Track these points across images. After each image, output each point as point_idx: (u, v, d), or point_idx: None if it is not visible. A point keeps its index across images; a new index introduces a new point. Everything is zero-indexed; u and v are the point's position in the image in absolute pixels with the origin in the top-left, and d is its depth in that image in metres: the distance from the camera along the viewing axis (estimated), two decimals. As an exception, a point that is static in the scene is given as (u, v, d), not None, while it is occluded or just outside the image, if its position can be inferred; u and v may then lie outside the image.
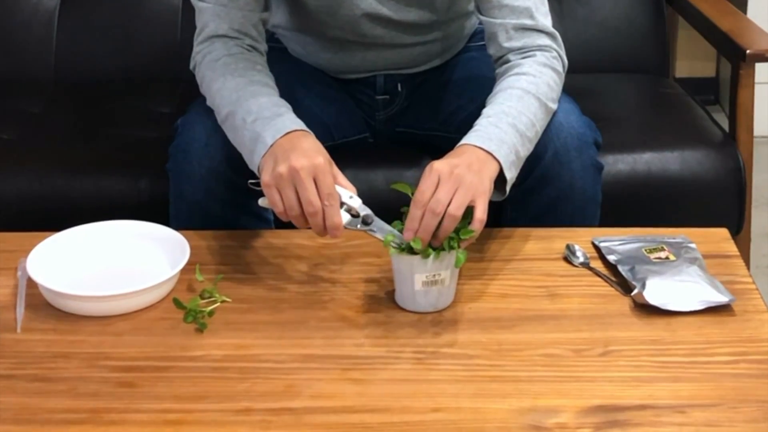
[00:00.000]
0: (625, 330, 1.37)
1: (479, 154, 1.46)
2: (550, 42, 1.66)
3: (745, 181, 2.03)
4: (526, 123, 1.54)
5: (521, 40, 1.64)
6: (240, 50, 1.63)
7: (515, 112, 1.53)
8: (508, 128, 1.51)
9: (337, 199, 1.41)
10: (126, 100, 2.29)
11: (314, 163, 1.42)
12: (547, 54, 1.64)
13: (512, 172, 1.50)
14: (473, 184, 1.40)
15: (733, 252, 1.55)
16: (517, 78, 1.59)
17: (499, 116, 1.52)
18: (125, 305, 1.40)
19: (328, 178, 1.42)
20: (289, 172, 1.41)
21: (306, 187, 1.41)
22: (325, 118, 1.86)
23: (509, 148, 1.49)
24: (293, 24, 1.87)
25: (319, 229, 1.42)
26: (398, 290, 1.41)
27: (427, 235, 1.37)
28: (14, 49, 2.38)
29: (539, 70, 1.61)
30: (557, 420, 1.19)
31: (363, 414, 1.21)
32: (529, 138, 1.55)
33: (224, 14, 1.64)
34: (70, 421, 1.21)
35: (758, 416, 1.21)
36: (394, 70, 1.89)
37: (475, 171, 1.42)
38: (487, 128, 1.50)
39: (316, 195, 1.41)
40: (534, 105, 1.56)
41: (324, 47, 1.86)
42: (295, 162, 1.41)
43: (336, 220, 1.41)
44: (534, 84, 1.58)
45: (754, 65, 2.09)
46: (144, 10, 2.42)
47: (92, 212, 1.61)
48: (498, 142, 1.48)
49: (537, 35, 1.65)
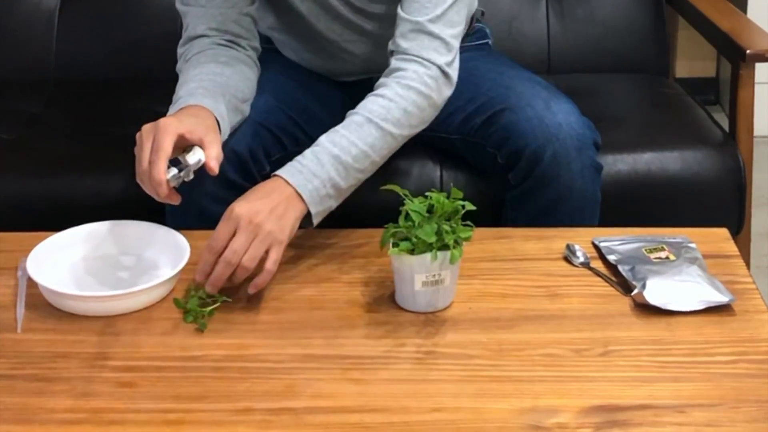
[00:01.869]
0: (625, 330, 1.37)
1: (286, 191, 1.45)
2: (434, 55, 1.60)
3: (745, 181, 2.03)
4: (355, 154, 1.51)
5: (410, 41, 1.60)
6: (211, 46, 1.65)
7: (346, 143, 1.51)
8: (328, 160, 1.49)
9: (162, 154, 1.37)
10: (126, 100, 2.29)
11: (157, 123, 1.40)
12: (421, 71, 1.59)
13: (324, 204, 1.48)
14: (272, 233, 1.40)
15: (733, 252, 1.55)
16: (372, 100, 1.56)
17: (324, 146, 1.51)
18: (125, 305, 1.40)
19: (161, 135, 1.38)
20: (137, 138, 1.42)
21: (141, 148, 1.39)
22: (324, 118, 1.86)
23: (321, 183, 1.47)
24: (282, 24, 1.87)
25: (149, 190, 1.39)
26: (398, 290, 1.41)
27: (219, 282, 1.38)
28: (14, 49, 2.38)
29: (398, 94, 1.56)
30: (557, 420, 1.19)
31: (363, 414, 1.21)
32: (358, 169, 1.52)
33: (202, 14, 1.66)
34: (70, 421, 1.21)
35: (758, 416, 1.21)
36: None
37: (277, 216, 1.41)
38: (304, 160, 1.49)
39: (148, 154, 1.38)
40: (372, 134, 1.53)
41: (317, 55, 1.86)
42: (144, 126, 1.41)
43: (155, 175, 1.37)
44: (385, 109, 1.55)
45: (754, 65, 2.09)
46: (144, 10, 2.42)
47: (92, 212, 1.61)
48: (309, 176, 1.46)
49: (429, 41, 1.60)
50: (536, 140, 1.67)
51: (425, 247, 1.36)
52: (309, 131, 1.85)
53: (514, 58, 2.00)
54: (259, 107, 1.69)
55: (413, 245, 1.36)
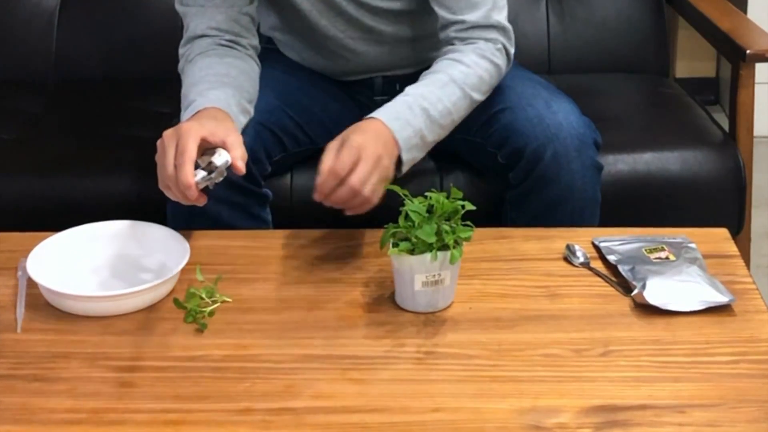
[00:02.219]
0: (625, 330, 1.37)
1: (387, 133, 1.51)
2: (497, 35, 1.68)
3: (745, 181, 2.03)
4: (441, 110, 1.58)
5: (470, 34, 1.67)
6: (213, 47, 1.65)
7: (434, 98, 1.58)
8: (420, 112, 1.55)
9: (187, 157, 1.36)
10: (126, 100, 2.29)
11: (179, 127, 1.39)
12: (491, 45, 1.67)
13: (412, 154, 1.54)
14: (387, 169, 1.48)
15: (733, 252, 1.55)
16: (450, 63, 1.63)
17: (416, 97, 1.57)
18: (125, 305, 1.40)
19: (184, 139, 1.37)
20: (159, 144, 1.41)
21: (165, 153, 1.38)
22: (324, 118, 1.86)
23: (414, 132, 1.54)
24: (284, 24, 1.87)
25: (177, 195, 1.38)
26: (398, 290, 1.41)
27: (340, 204, 1.45)
28: (14, 49, 2.39)
29: (474, 61, 1.64)
30: (557, 420, 1.19)
31: (363, 414, 1.21)
32: (441, 125, 1.59)
33: (202, 14, 1.66)
34: (70, 421, 1.21)
35: (758, 416, 1.21)
36: (390, 71, 1.88)
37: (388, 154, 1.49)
38: (398, 107, 1.55)
39: (172, 159, 1.37)
40: (456, 94, 1.61)
41: (319, 54, 1.86)
42: (165, 132, 1.40)
43: (183, 179, 1.35)
44: (464, 74, 1.62)
45: (754, 65, 2.09)
46: (144, 10, 2.42)
47: (92, 212, 1.61)
48: (404, 124, 1.53)
49: (487, 30, 1.67)
50: (536, 140, 1.68)
51: (425, 247, 1.36)
52: (309, 132, 1.86)
53: (514, 58, 2.00)
54: (261, 107, 1.69)
55: (413, 245, 1.36)
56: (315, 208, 1.93)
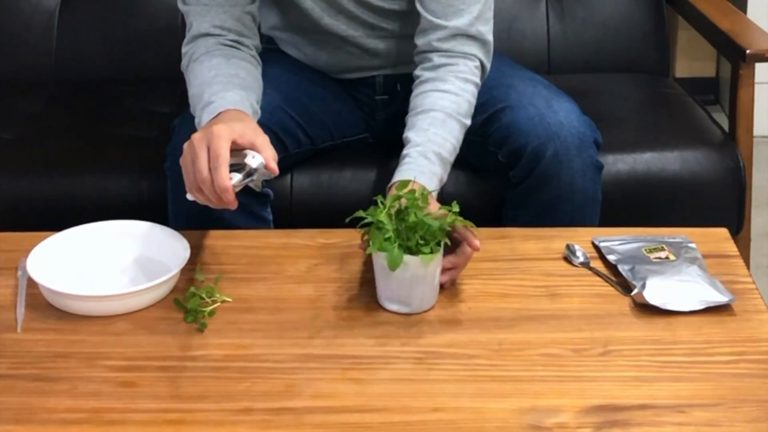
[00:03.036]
0: (625, 330, 1.37)
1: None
2: (476, 51, 1.68)
3: (745, 181, 2.03)
4: (449, 150, 1.60)
5: (450, 43, 1.67)
6: (218, 46, 1.64)
7: (440, 140, 1.59)
8: (434, 158, 1.57)
9: (222, 160, 1.34)
10: (126, 100, 2.29)
11: (209, 130, 1.37)
12: (470, 64, 1.67)
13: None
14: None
15: (733, 252, 1.55)
16: (441, 96, 1.63)
17: (426, 145, 1.57)
18: (125, 305, 1.40)
19: (217, 141, 1.36)
20: (188, 147, 1.39)
21: (197, 156, 1.36)
22: (325, 118, 1.87)
23: (439, 181, 1.56)
24: (286, 22, 1.87)
25: (212, 198, 1.37)
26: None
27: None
28: (14, 49, 2.39)
29: (461, 88, 1.64)
30: (557, 420, 1.19)
31: (363, 414, 1.21)
32: (450, 162, 1.61)
33: (205, 12, 1.66)
34: (70, 421, 1.21)
35: (758, 416, 1.21)
36: (392, 69, 1.88)
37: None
38: (420, 160, 1.55)
39: (206, 162, 1.36)
40: (456, 129, 1.62)
41: (320, 49, 1.86)
42: (194, 135, 1.39)
43: (221, 182, 1.34)
44: (456, 104, 1.63)
45: (754, 65, 2.09)
46: (144, 10, 2.42)
47: (92, 212, 1.61)
48: (430, 175, 1.54)
49: (467, 42, 1.67)
50: (537, 138, 1.68)
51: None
52: (310, 132, 1.86)
53: (514, 58, 2.01)
54: (262, 108, 1.69)
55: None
56: (315, 208, 1.94)
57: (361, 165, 1.94)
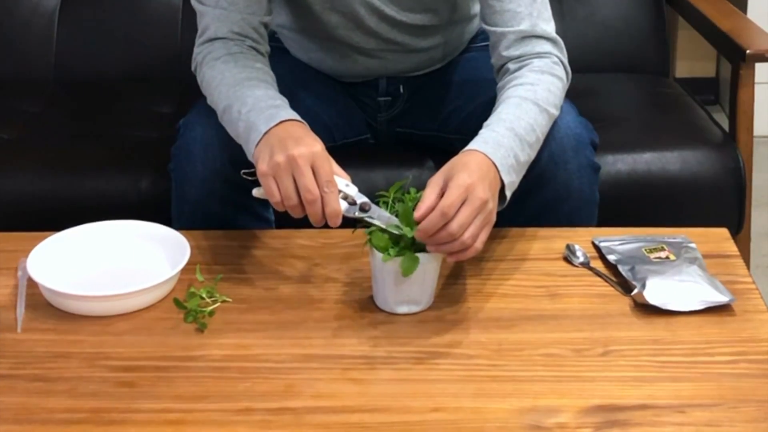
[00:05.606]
0: (625, 330, 1.37)
1: (490, 167, 1.43)
2: (550, 48, 1.65)
3: (745, 181, 2.03)
4: (525, 127, 1.51)
5: (520, 49, 1.63)
6: (240, 50, 1.63)
7: (513, 117, 1.52)
8: (505, 132, 1.49)
9: (334, 187, 1.40)
10: (126, 100, 2.29)
11: (312, 150, 1.40)
12: (546, 60, 1.63)
13: (511, 177, 1.47)
14: (491, 213, 1.40)
15: (733, 252, 1.55)
16: (514, 88, 1.58)
17: (497, 122, 1.51)
18: (125, 305, 1.40)
19: (326, 165, 1.40)
20: (287, 160, 1.39)
21: (304, 174, 1.38)
22: (326, 119, 1.86)
23: (506, 151, 1.47)
24: (296, 25, 1.87)
25: (318, 218, 1.40)
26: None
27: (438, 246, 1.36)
28: (14, 48, 2.39)
29: (537, 78, 1.59)
30: (557, 420, 1.19)
31: (363, 414, 1.21)
32: (528, 142, 1.52)
33: (224, 17, 1.65)
34: (70, 421, 1.21)
35: (758, 416, 1.21)
36: (396, 72, 1.89)
37: (493, 196, 1.41)
38: (491, 134, 1.49)
39: (314, 182, 1.39)
40: (533, 110, 1.54)
41: (328, 55, 1.86)
42: (293, 150, 1.40)
43: (335, 207, 1.39)
44: (531, 91, 1.57)
45: (754, 65, 2.09)
46: (144, 10, 2.42)
47: (92, 212, 1.61)
48: (494, 145, 1.46)
49: (537, 42, 1.64)
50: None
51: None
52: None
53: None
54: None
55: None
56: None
57: (362, 166, 1.93)
